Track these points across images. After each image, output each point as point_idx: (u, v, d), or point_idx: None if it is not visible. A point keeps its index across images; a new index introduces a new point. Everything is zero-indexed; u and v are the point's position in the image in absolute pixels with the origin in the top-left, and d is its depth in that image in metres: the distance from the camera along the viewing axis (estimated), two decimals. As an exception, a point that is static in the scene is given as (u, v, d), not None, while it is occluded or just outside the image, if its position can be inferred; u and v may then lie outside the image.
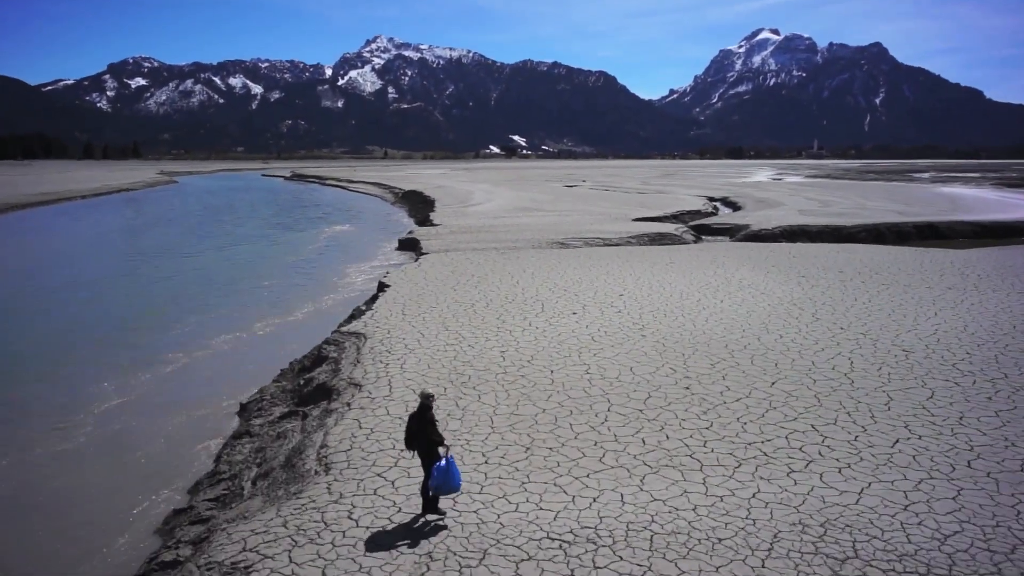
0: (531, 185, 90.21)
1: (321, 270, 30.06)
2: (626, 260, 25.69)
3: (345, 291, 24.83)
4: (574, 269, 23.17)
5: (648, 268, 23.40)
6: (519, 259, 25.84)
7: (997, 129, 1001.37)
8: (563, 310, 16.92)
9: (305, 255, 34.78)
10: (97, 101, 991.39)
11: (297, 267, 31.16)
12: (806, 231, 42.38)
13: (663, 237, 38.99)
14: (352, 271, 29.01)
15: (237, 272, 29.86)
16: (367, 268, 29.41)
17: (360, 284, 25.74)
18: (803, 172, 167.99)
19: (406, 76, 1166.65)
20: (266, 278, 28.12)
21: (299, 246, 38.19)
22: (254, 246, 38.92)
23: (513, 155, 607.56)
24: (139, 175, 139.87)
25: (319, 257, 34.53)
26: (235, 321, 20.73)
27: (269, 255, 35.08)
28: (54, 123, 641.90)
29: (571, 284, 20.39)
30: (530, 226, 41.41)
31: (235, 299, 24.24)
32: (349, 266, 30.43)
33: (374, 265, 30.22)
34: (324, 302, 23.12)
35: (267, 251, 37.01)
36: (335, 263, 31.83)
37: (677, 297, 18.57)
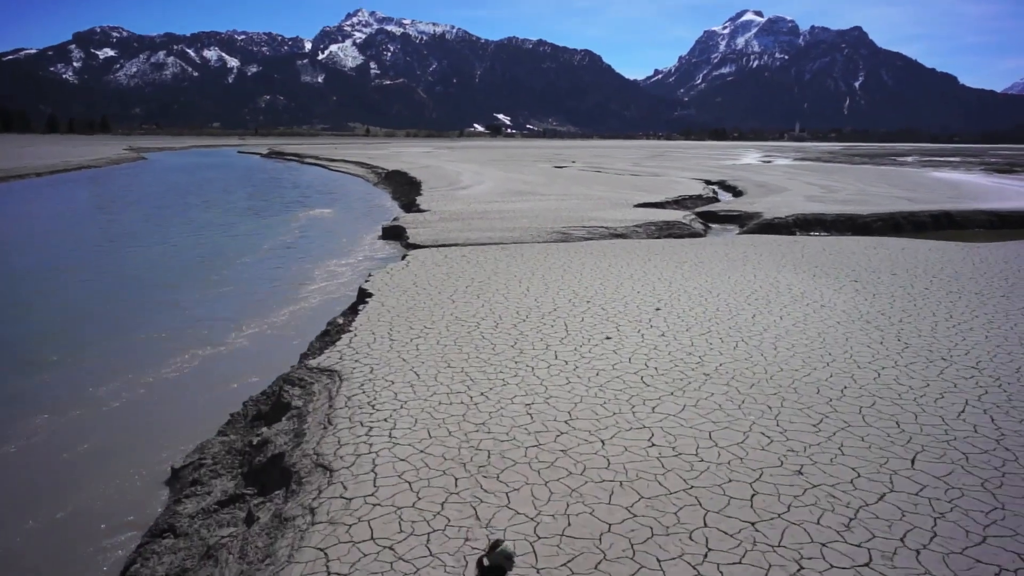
0: (520, 166, 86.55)
1: (292, 266, 26.09)
2: (645, 257, 22.24)
3: (318, 296, 20.98)
4: (590, 269, 19.70)
5: (675, 268, 19.99)
6: (523, 255, 22.32)
7: (970, 114, 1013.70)
8: (592, 332, 13.43)
9: (276, 246, 30.76)
10: (63, 72, 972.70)
11: (264, 262, 27.10)
12: (821, 220, 39.29)
13: (671, 226, 35.73)
14: (328, 268, 25.09)
15: (190, 270, 25.38)
16: (346, 265, 25.53)
17: (337, 287, 21.87)
18: (790, 155, 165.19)
19: (388, 51, 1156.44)
20: (224, 278, 23.79)
21: (270, 235, 34.16)
22: (219, 235, 34.60)
23: (497, 134, 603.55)
24: (105, 151, 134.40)
25: (291, 250, 30.42)
26: (173, 343, 16.65)
27: (233, 247, 30.73)
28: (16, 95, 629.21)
29: (592, 291, 16.92)
30: (526, 212, 37.91)
31: (180, 310, 19.94)
32: (325, 261, 26.58)
33: (353, 261, 26.38)
34: (291, 312, 19.18)
35: (232, 242, 32.53)
36: (309, 257, 27.99)
37: (726, 312, 15.12)
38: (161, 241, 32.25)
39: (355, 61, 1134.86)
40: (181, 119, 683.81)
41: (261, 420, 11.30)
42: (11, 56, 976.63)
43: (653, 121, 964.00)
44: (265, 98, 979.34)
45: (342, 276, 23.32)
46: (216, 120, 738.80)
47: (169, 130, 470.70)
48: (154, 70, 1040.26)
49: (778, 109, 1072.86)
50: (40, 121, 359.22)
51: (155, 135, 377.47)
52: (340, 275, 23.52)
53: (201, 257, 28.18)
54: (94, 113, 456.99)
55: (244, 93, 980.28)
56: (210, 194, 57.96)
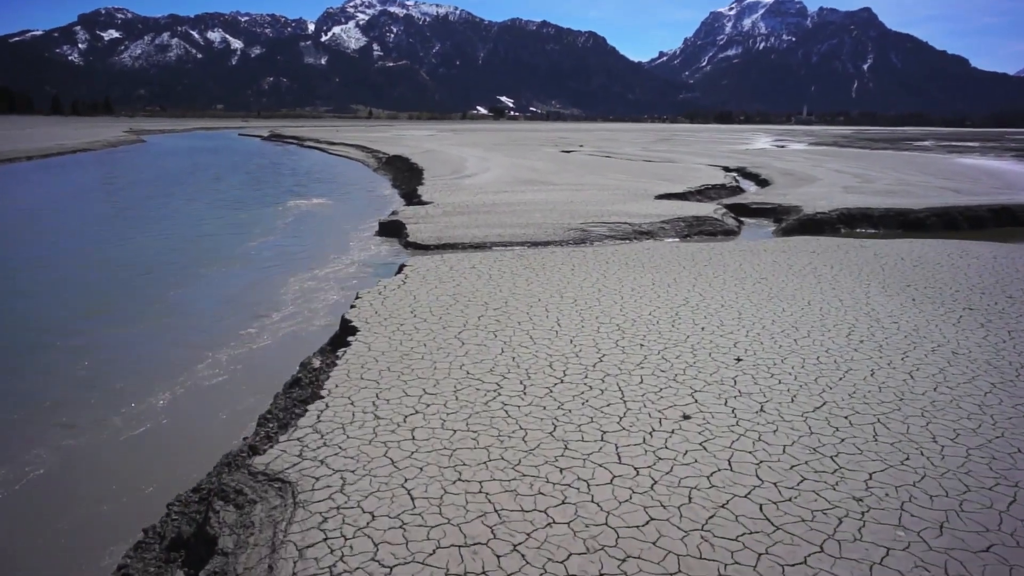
0: (526, 150, 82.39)
1: (265, 279, 21.22)
2: (690, 267, 18.29)
3: (289, 326, 16.11)
4: (630, 289, 15.73)
5: (735, 286, 16.04)
6: (543, 265, 18.36)
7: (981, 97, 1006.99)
8: (661, 404, 9.45)
9: (253, 249, 26.27)
10: (68, 54, 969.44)
11: (232, 274, 22.13)
12: (867, 216, 35.36)
13: (702, 222, 31.86)
14: (309, 283, 20.49)
15: (132, 287, 20.21)
16: (331, 276, 21.06)
17: (315, 313, 17.14)
18: (802, 139, 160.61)
19: (391, 33, 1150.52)
20: (169, 301, 18.40)
21: (251, 233, 29.90)
22: (192, 233, 30.06)
23: (501, 116, 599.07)
24: (103, 133, 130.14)
25: (270, 253, 25.65)
26: (65, 414, 11.63)
27: (202, 251, 25.95)
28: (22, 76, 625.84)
29: (641, 325, 13.00)
30: (539, 205, 34.02)
31: (85, 357, 14.35)
32: (308, 269, 22.14)
33: (341, 269, 21.94)
34: (249, 353, 14.41)
35: (203, 243, 27.66)
36: (290, 263, 23.49)
37: (831, 364, 11.08)
38: (119, 240, 27.57)
39: (358, 43, 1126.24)
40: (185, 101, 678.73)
41: (180, 550, 7.52)
42: (17, 38, 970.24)
43: (658, 104, 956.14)
44: (268, 80, 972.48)
45: (324, 295, 18.80)
46: (220, 102, 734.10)
47: (172, 112, 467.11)
48: (158, 52, 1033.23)
49: (785, 92, 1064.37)
50: (45, 103, 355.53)
51: (158, 117, 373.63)
52: (321, 294, 18.95)
53: (155, 266, 23.06)
54: (99, 95, 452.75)
55: (248, 75, 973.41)
56: (200, 181, 53.95)
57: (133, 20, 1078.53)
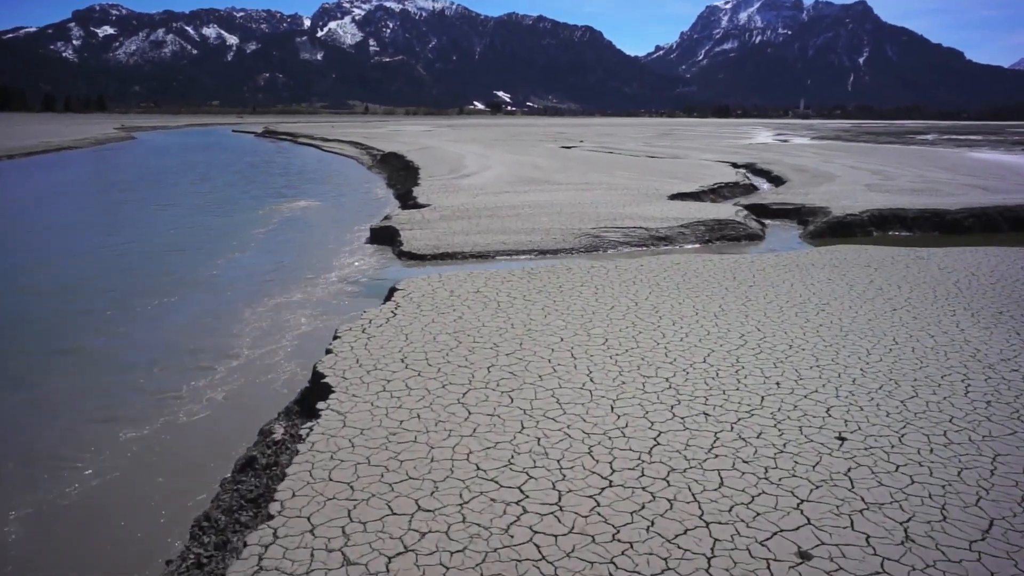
0: (526, 146, 79.38)
1: (234, 300, 17.89)
2: (730, 289, 15.32)
3: (245, 375, 12.66)
4: (669, 321, 12.77)
5: (789, 315, 13.11)
6: (560, 288, 15.39)
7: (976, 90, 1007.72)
8: (757, 530, 6.48)
9: (226, 263, 23.03)
10: (63, 51, 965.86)
11: (193, 298, 18.36)
12: (901, 217, 32.53)
13: (723, 225, 29.03)
14: (283, 304, 17.28)
15: (76, 312, 16.87)
16: (311, 295, 17.92)
17: (283, 349, 13.88)
18: (803, 132, 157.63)
19: (387, 28, 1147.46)
20: (107, 341, 14.81)
21: (228, 243, 26.71)
22: (161, 244, 26.38)
23: (498, 111, 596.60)
24: (93, 130, 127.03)
25: (245, 268, 22.29)
26: None
27: (168, 266, 22.28)
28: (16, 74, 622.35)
29: (695, 377, 10.07)
30: (544, 208, 31.14)
31: None
32: (283, 290, 18.87)
33: (323, 288, 18.78)
34: (190, 413, 11.20)
35: (172, 258, 23.85)
36: (265, 280, 20.22)
37: (970, 448, 7.96)
38: (64, 257, 23.57)
39: (354, 38, 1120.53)
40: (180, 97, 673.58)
41: None
42: (11, 35, 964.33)
43: (655, 98, 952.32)
44: (264, 76, 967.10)
45: (295, 330, 15.24)
46: (215, 98, 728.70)
47: (166, 108, 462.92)
48: (153, 48, 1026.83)
49: (781, 86, 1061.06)
50: (40, 100, 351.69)
51: (152, 114, 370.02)
52: (292, 329, 15.32)
53: (91, 294, 18.78)
54: (94, 92, 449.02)
55: (243, 71, 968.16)
56: (183, 182, 50.87)
57: (128, 16, 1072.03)
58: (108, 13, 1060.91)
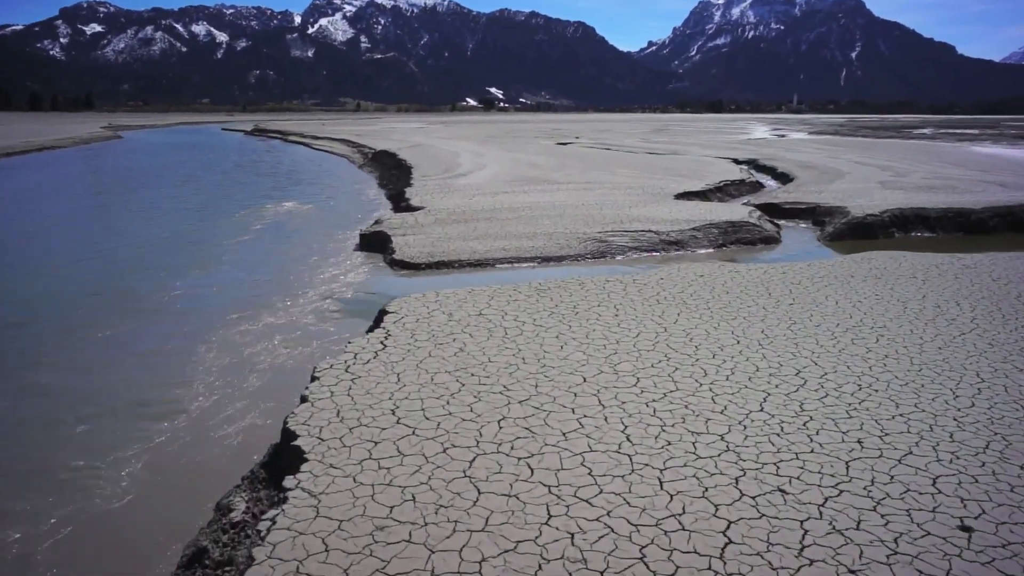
0: (521, 143, 77.36)
1: (195, 326, 15.48)
2: (769, 309, 13.37)
3: (199, 430, 10.54)
4: (709, 352, 10.76)
5: (845, 343, 11.11)
6: (575, 310, 13.37)
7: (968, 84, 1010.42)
8: None
9: (202, 276, 20.90)
10: (50, 48, 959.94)
11: (143, 329, 15.62)
12: (923, 217, 30.72)
13: (737, 228, 27.18)
14: (252, 331, 15.06)
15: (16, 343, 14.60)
16: (287, 319, 15.93)
17: (244, 394, 11.71)
18: (799, 127, 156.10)
19: (379, 25, 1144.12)
20: (47, 389, 12.35)
21: (207, 252, 24.37)
22: (123, 260, 23.79)
23: (491, 108, 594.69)
24: (78, 129, 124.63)
25: (213, 286, 19.78)
26: None
27: (124, 287, 19.59)
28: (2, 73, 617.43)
29: (758, 433, 8.12)
30: (546, 210, 29.20)
31: None
32: (254, 311, 16.63)
33: (302, 308, 16.73)
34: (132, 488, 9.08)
35: (130, 277, 20.95)
36: (240, 298, 17.99)
37: None
38: (8, 276, 21.78)
39: (345, 35, 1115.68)
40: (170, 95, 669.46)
41: None
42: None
43: (648, 94, 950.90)
44: (255, 73, 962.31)
45: (265, 365, 13.01)
46: (206, 96, 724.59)
47: (156, 107, 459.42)
48: (142, 45, 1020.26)
49: (774, 80, 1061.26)
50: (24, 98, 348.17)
51: (140, 112, 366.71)
52: (261, 363, 13.08)
53: (23, 322, 16.25)
54: (82, 90, 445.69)
55: (234, 68, 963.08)
56: (164, 185, 48.70)
57: (116, 14, 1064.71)
58: (96, 10, 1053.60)
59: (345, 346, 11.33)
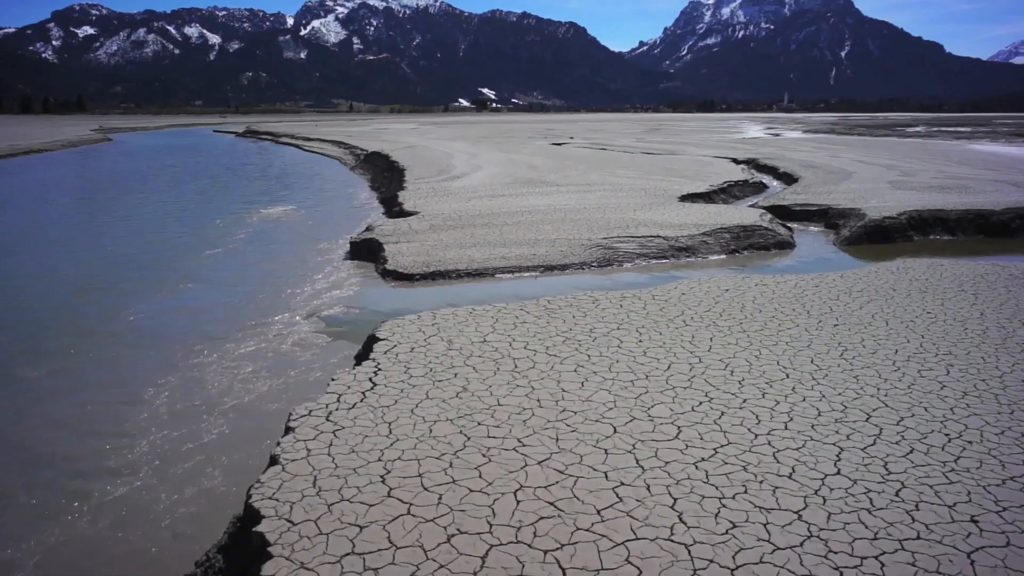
0: (516, 144, 75.68)
1: (164, 352, 13.64)
2: (814, 332, 11.64)
3: (139, 504, 8.66)
4: (756, 392, 9.05)
5: (912, 375, 9.47)
6: (592, 334, 11.64)
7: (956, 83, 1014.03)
8: None
9: (172, 295, 18.74)
10: (42, 51, 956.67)
11: (113, 353, 13.79)
12: (942, 219, 29.18)
13: (751, 233, 25.65)
14: (228, 355, 13.33)
15: None
16: (264, 345, 14.05)
17: (209, 443, 9.94)
18: (792, 126, 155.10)
19: (371, 26, 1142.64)
20: None
21: (183, 265, 22.30)
22: (87, 277, 21.62)
23: (483, 108, 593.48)
24: (68, 132, 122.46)
25: (193, 302, 17.95)
26: None
27: (97, 303, 17.65)
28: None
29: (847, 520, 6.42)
30: (546, 214, 27.54)
31: None
32: (232, 332, 14.88)
33: (282, 331, 14.99)
34: None
35: (104, 293, 19.02)
36: (211, 320, 16.00)
37: None
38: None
39: (338, 36, 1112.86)
40: (163, 97, 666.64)
41: None
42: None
43: (639, 94, 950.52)
44: (248, 75, 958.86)
45: (229, 408, 11.17)
46: (198, 98, 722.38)
47: (148, 109, 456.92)
48: (135, 48, 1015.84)
49: (764, 80, 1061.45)
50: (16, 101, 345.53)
51: (132, 114, 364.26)
52: (225, 406, 11.24)
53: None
54: (75, 92, 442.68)
55: (226, 70, 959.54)
56: (148, 190, 46.86)
57: (108, 16, 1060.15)
58: (88, 13, 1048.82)
59: (327, 384, 9.59)
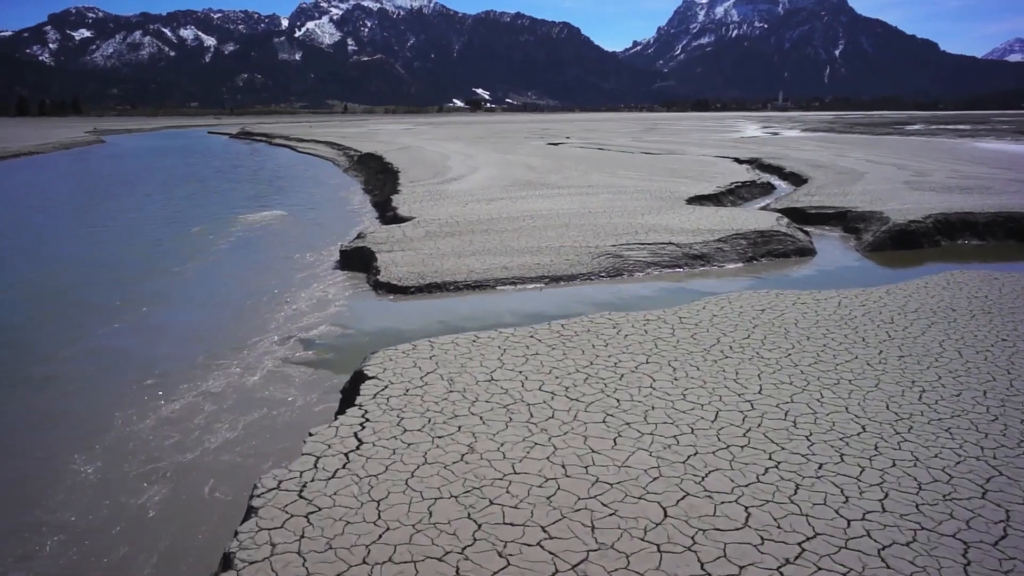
0: (512, 144, 73.91)
1: (116, 382, 11.90)
2: (868, 362, 9.91)
3: None
4: (827, 449, 7.25)
5: (1015, 423, 7.87)
6: (617, 368, 9.87)
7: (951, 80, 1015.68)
8: None
9: (141, 312, 16.86)
10: (39, 54, 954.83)
11: (50, 395, 11.77)
12: (970, 223, 27.46)
13: (768, 239, 23.92)
14: (189, 394, 11.40)
15: None
16: (239, 375, 12.23)
17: (149, 525, 7.85)
18: (789, 125, 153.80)
19: (366, 27, 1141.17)
20: None
21: (160, 276, 20.46)
22: (62, 285, 20.24)
23: (478, 108, 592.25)
24: (61, 134, 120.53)
25: (162, 320, 16.14)
26: None
27: (50, 328, 15.48)
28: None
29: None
30: (549, 219, 25.81)
31: None
32: (196, 363, 12.93)
33: (260, 357, 13.17)
34: None
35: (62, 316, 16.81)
36: (175, 351, 13.79)
37: None
38: None
39: (332, 38, 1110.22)
40: (159, 99, 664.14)
41: None
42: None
43: (633, 93, 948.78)
44: (243, 76, 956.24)
45: (180, 470, 9.12)
46: (194, 100, 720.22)
47: (143, 111, 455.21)
48: (131, 50, 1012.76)
49: (758, 79, 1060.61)
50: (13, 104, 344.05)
51: (128, 116, 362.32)
52: (176, 467, 9.21)
53: None
54: (71, 95, 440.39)
55: (222, 72, 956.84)
56: (137, 193, 44.98)
57: (104, 19, 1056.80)
58: (84, 16, 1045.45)
59: (304, 441, 7.81)
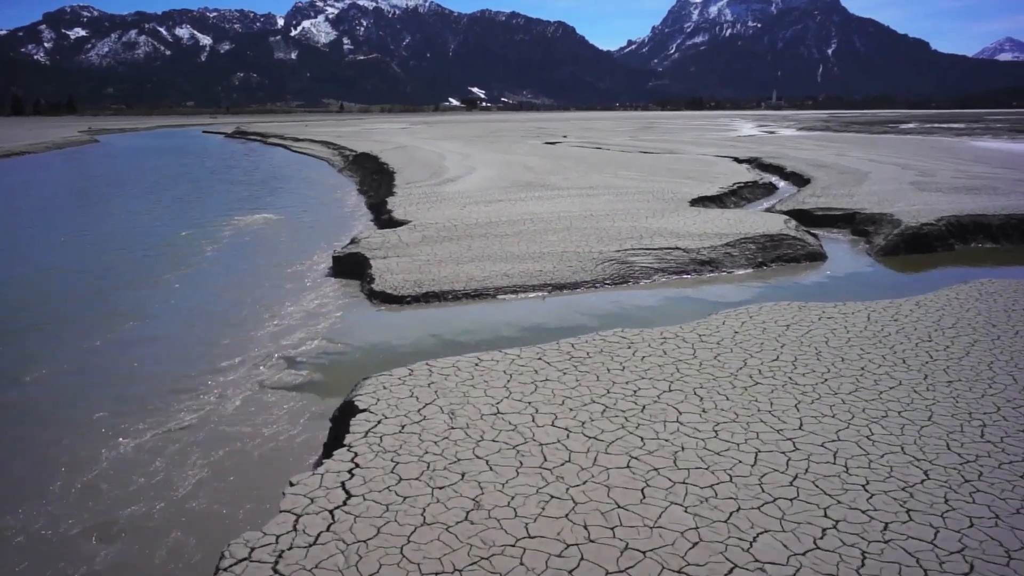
0: (509, 143, 72.90)
1: (65, 418, 10.62)
2: (917, 390, 8.86)
3: None
4: (894, 507, 6.30)
5: None
6: (636, 397, 8.83)
7: (943, 80, 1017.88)
8: None
9: (112, 329, 15.44)
10: (34, 53, 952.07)
11: None
12: (983, 225, 26.59)
13: (778, 243, 23.00)
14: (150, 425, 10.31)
15: None
16: (214, 403, 11.14)
17: None
18: (784, 124, 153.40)
19: (361, 26, 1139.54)
20: None
21: (137, 288, 19.42)
22: (39, 292, 19.28)
23: (474, 107, 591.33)
24: (55, 134, 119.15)
25: (132, 338, 14.78)
26: None
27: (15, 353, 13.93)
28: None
29: None
30: (550, 222, 24.81)
31: None
32: (167, 389, 11.79)
33: (240, 381, 12.10)
34: None
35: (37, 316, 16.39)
36: (147, 374, 12.63)
37: None
38: None
39: (328, 37, 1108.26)
40: (155, 98, 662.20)
41: None
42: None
43: (628, 92, 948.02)
44: (239, 75, 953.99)
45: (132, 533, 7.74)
46: (190, 99, 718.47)
47: (139, 110, 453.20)
48: (126, 49, 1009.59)
49: (752, 78, 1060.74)
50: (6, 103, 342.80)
51: (123, 115, 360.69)
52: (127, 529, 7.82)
53: None
54: (66, 94, 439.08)
55: (217, 71, 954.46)
56: (127, 194, 43.83)
57: (99, 18, 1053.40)
58: (79, 15, 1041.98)
59: (283, 492, 6.77)
